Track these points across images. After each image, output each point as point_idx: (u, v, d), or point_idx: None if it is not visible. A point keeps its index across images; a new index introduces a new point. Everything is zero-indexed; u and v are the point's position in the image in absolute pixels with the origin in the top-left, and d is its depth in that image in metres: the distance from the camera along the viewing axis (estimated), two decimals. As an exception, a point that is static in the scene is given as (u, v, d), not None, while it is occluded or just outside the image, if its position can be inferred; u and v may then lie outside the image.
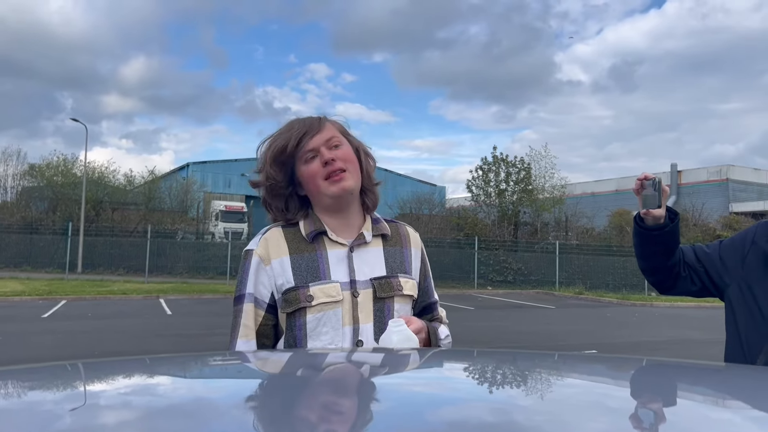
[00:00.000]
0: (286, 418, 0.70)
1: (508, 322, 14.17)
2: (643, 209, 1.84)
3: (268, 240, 1.57)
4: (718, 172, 38.43)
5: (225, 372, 1.08)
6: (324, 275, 1.52)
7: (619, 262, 24.81)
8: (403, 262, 1.63)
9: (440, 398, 0.85)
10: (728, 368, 1.24)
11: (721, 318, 1.85)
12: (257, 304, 1.55)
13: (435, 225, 27.95)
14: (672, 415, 0.81)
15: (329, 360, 1.16)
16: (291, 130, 1.58)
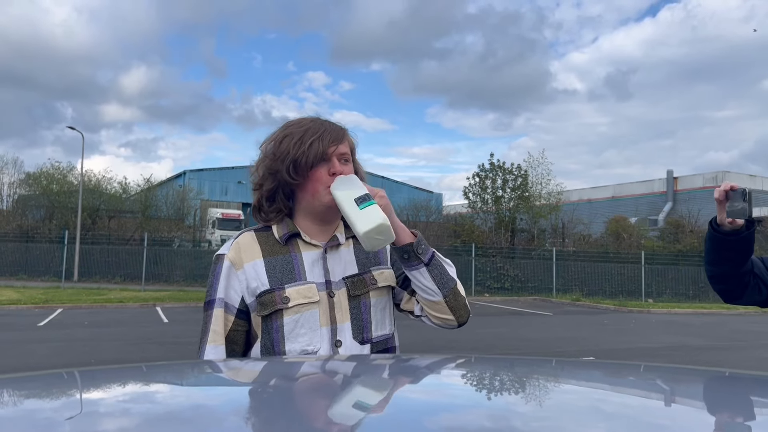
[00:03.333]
0: (285, 425, 0.70)
1: (506, 329, 14.15)
2: (728, 218, 1.82)
3: (240, 244, 1.56)
4: (714, 178, 38.53)
5: (222, 380, 1.08)
6: (299, 276, 1.53)
7: (616, 268, 24.82)
8: (376, 255, 1.64)
9: (439, 405, 0.85)
10: (726, 374, 1.24)
11: (717, 324, 1.85)
12: (227, 310, 1.54)
13: (432, 232, 27.94)
14: (669, 421, 0.81)
15: (327, 367, 1.16)
16: (321, 128, 1.56)
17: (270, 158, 1.56)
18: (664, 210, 38.39)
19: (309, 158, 1.52)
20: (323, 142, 1.53)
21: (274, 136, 1.59)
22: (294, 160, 1.52)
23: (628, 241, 27.71)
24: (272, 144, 1.57)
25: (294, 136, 1.54)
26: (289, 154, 1.52)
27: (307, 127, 1.56)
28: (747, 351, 11.42)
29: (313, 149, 1.52)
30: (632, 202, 41.68)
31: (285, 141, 1.54)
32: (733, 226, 1.82)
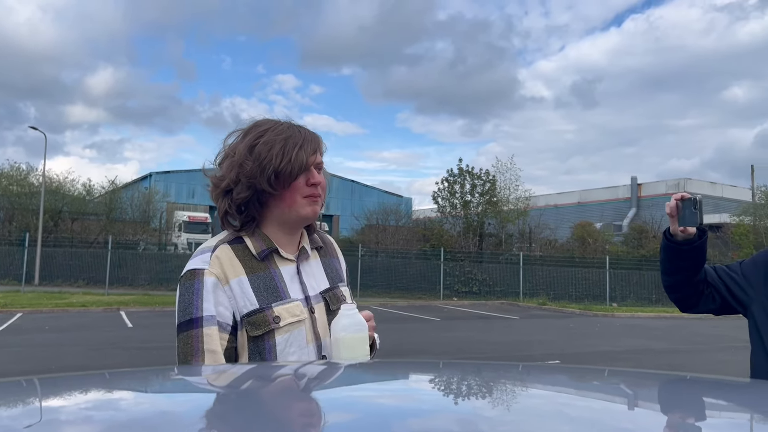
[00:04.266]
0: (246, 428, 0.70)
1: (474, 333, 14.26)
2: (680, 226, 1.86)
3: (221, 259, 1.46)
4: (677, 185, 39.52)
5: (188, 386, 1.06)
6: (284, 294, 1.48)
7: (581, 273, 25.23)
8: (338, 272, 1.65)
9: (406, 410, 0.85)
10: (687, 378, 1.27)
11: (678, 328, 1.91)
12: (222, 328, 1.42)
13: (401, 236, 28.00)
14: (632, 425, 0.83)
15: (293, 373, 1.15)
16: (301, 136, 1.51)
17: (247, 165, 1.46)
18: (629, 216, 39.22)
19: (293, 169, 1.46)
20: (306, 152, 1.48)
21: (247, 139, 1.49)
22: (277, 170, 1.45)
23: (593, 246, 28.21)
24: (244, 147, 1.48)
25: (274, 144, 1.46)
26: (271, 163, 1.44)
27: (287, 135, 1.49)
28: (707, 354, 11.72)
29: (297, 160, 1.46)
30: (597, 208, 42.50)
31: (262, 147, 1.46)
32: (686, 236, 1.86)
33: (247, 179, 1.46)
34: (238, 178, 1.47)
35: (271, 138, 1.47)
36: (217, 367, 1.28)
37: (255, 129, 1.51)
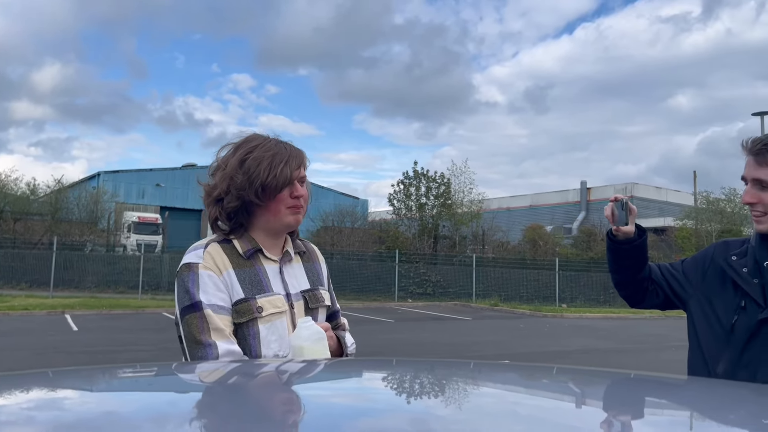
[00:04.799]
0: (197, 431, 0.69)
1: (427, 334, 14.35)
2: (614, 226, 1.95)
3: (212, 254, 1.63)
4: (624, 189, 40.74)
5: (136, 384, 1.04)
6: (267, 288, 1.65)
7: (532, 274, 25.71)
8: (319, 276, 1.82)
9: (358, 409, 0.85)
10: (631, 376, 1.32)
11: (624, 328, 1.99)
12: (221, 311, 1.57)
13: (357, 238, 27.96)
14: (580, 422, 0.85)
15: (244, 371, 1.13)
16: (287, 152, 1.66)
17: (237, 178, 1.61)
18: (578, 219, 40.21)
19: (278, 183, 1.62)
20: (290, 167, 1.64)
21: (238, 153, 1.64)
22: (263, 184, 1.61)
23: (544, 248, 28.80)
24: (235, 161, 1.63)
25: (262, 160, 1.62)
26: (258, 177, 1.60)
27: (274, 152, 1.64)
28: (651, 353, 12.12)
29: (282, 175, 1.62)
30: (548, 211, 43.42)
31: (251, 162, 1.61)
32: (626, 236, 1.95)
33: (236, 191, 1.62)
34: (229, 189, 1.63)
35: (259, 154, 1.63)
36: (167, 366, 1.25)
37: (245, 145, 1.67)
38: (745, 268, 1.75)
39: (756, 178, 1.69)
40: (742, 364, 1.70)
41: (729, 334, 1.74)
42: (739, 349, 1.71)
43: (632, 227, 1.95)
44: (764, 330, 1.68)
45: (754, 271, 1.73)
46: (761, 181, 1.68)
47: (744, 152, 1.74)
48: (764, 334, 1.68)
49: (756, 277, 1.72)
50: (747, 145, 1.72)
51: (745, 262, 1.77)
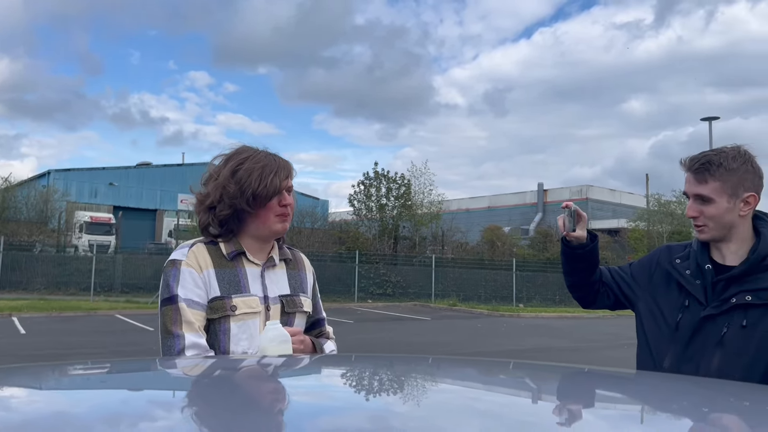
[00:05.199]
0: (150, 429, 0.67)
1: (386, 334, 14.39)
2: (564, 232, 2.08)
3: (196, 253, 1.74)
4: (579, 191, 41.69)
5: (88, 383, 1.01)
6: (245, 289, 1.74)
7: (490, 275, 26.04)
8: (302, 284, 1.90)
9: (317, 407, 0.85)
10: (582, 371, 1.35)
11: (579, 327, 2.06)
12: (195, 305, 1.67)
13: (317, 239, 27.81)
14: (536, 418, 0.87)
15: (200, 369, 1.12)
16: (276, 164, 1.76)
17: (229, 187, 1.71)
18: (535, 220, 40.94)
19: (268, 192, 1.72)
20: (279, 178, 1.75)
21: (230, 164, 1.75)
22: (254, 193, 1.71)
23: (502, 249, 29.21)
24: (227, 171, 1.73)
25: (253, 171, 1.72)
26: (250, 187, 1.71)
27: (264, 163, 1.75)
28: (604, 351, 12.43)
29: (272, 185, 1.73)
30: (506, 213, 44.09)
31: (243, 173, 1.72)
32: (579, 241, 2.07)
33: (229, 199, 1.72)
34: (222, 198, 1.73)
35: (250, 165, 1.74)
36: (121, 363, 1.22)
37: (236, 156, 1.77)
38: (688, 271, 1.89)
39: (697, 194, 1.81)
40: (686, 358, 1.82)
41: (674, 331, 1.86)
42: (684, 345, 1.83)
43: (583, 233, 2.06)
44: (706, 326, 1.80)
45: (696, 273, 1.87)
46: (701, 197, 1.80)
47: (683, 169, 1.85)
48: (706, 330, 1.80)
49: (698, 279, 1.85)
50: (686, 164, 1.84)
51: (688, 265, 1.90)
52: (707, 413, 0.97)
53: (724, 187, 1.77)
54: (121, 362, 1.27)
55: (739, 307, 1.76)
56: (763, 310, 1.73)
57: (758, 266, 1.76)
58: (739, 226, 1.81)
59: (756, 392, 1.16)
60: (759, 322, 1.73)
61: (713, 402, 1.04)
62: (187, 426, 0.73)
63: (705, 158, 1.80)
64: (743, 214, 1.80)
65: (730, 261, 1.83)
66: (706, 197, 1.79)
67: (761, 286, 1.75)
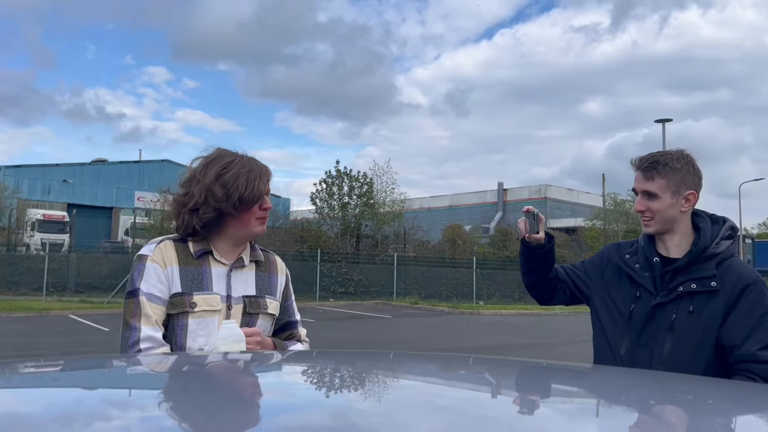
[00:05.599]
0: (104, 428, 0.66)
1: (347, 333, 14.38)
2: (526, 234, 2.19)
3: (162, 249, 1.78)
4: (538, 191, 42.43)
5: (39, 381, 0.98)
6: (207, 287, 1.77)
7: (451, 273, 26.26)
8: (270, 286, 1.92)
9: (279, 404, 0.84)
10: (540, 365, 1.38)
11: (537, 324, 2.12)
12: (155, 300, 1.72)
13: (278, 237, 27.55)
14: (497, 413, 0.89)
15: (157, 366, 1.10)
16: (259, 168, 1.82)
17: (216, 191, 1.74)
18: (495, 219, 41.47)
19: (254, 197, 1.78)
20: (263, 182, 1.81)
21: (215, 168, 1.77)
22: (241, 197, 1.75)
23: (463, 247, 29.49)
24: (213, 175, 1.76)
25: (240, 175, 1.77)
26: (237, 191, 1.75)
27: (249, 168, 1.80)
28: (561, 347, 12.68)
29: (257, 190, 1.78)
30: (467, 211, 44.55)
31: (230, 177, 1.75)
32: (538, 242, 2.20)
33: (215, 202, 1.75)
34: (206, 201, 1.76)
35: (237, 170, 1.78)
36: (76, 360, 1.19)
37: (221, 159, 1.80)
38: (638, 264, 2.05)
39: (645, 190, 1.99)
40: (640, 344, 1.98)
41: (628, 320, 2.01)
42: (638, 332, 1.99)
43: (542, 234, 2.19)
44: (657, 314, 1.96)
45: (645, 266, 2.04)
46: (649, 193, 1.98)
47: (633, 168, 2.04)
48: (657, 317, 1.96)
49: (647, 271, 2.02)
50: (636, 163, 2.04)
51: (637, 259, 2.07)
52: (653, 405, 1.00)
53: (669, 184, 1.96)
54: (74, 360, 1.24)
55: (685, 294, 1.93)
56: (706, 297, 1.91)
57: (700, 257, 1.95)
58: (680, 221, 2.00)
59: (700, 385, 1.20)
60: (703, 307, 1.91)
61: (661, 395, 1.07)
62: (143, 425, 0.72)
63: (652, 158, 2.00)
64: (684, 210, 1.99)
65: (674, 254, 2.01)
66: (653, 193, 1.97)
67: (704, 275, 1.93)
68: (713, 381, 1.38)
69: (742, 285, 1.89)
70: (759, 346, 1.81)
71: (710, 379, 1.49)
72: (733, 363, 1.86)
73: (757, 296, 1.88)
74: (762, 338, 1.83)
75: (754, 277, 1.92)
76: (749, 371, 1.82)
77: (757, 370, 1.80)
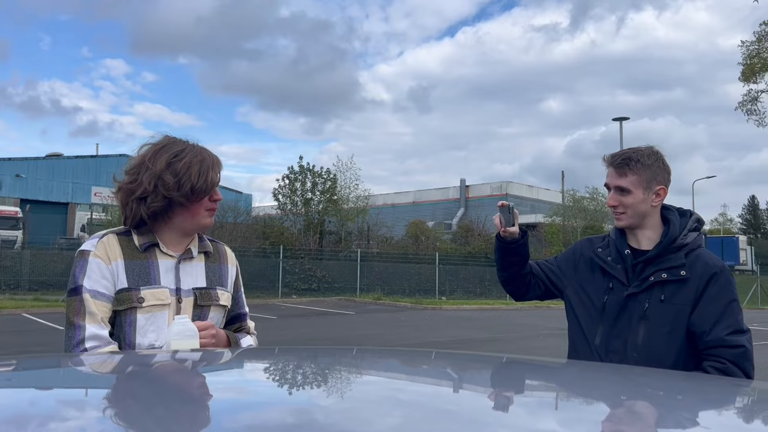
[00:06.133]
0: (56, 427, 0.64)
1: (310, 330, 14.31)
2: (502, 228, 2.22)
3: (106, 244, 1.71)
4: (500, 187, 42.95)
5: None
6: (155, 281, 1.72)
7: (414, 268, 26.41)
8: (221, 277, 1.88)
9: (239, 403, 0.83)
10: (500, 360, 1.40)
11: (498, 318, 2.15)
12: (100, 297, 1.66)
13: (240, 233, 27.21)
14: (456, 406, 0.89)
15: (112, 365, 1.07)
16: (211, 158, 1.77)
17: (167, 179, 1.68)
18: (457, 215, 41.84)
19: (207, 187, 1.73)
20: (215, 172, 1.76)
21: (165, 156, 1.70)
22: (193, 187, 1.70)
23: (426, 243, 29.68)
24: (164, 163, 1.69)
25: (192, 164, 1.71)
26: (190, 180, 1.69)
27: (201, 158, 1.74)
28: (522, 341, 12.89)
29: (210, 180, 1.74)
30: (430, 207, 44.83)
31: (182, 166, 1.69)
32: (512, 236, 2.24)
33: (165, 191, 1.68)
34: (156, 189, 1.69)
35: (189, 159, 1.72)
36: (21, 360, 1.15)
37: (171, 147, 1.74)
38: (610, 257, 2.12)
39: (617, 186, 2.05)
40: (614, 334, 2.05)
41: (602, 311, 2.08)
42: (611, 322, 2.05)
43: (517, 228, 2.24)
44: (630, 304, 2.03)
45: (617, 258, 2.11)
46: (621, 188, 2.04)
47: (605, 165, 2.10)
48: (630, 307, 2.03)
49: (619, 263, 2.10)
50: (608, 159, 2.10)
51: (609, 252, 2.14)
52: (624, 401, 1.02)
53: (640, 180, 2.03)
54: (27, 360, 1.19)
55: (657, 284, 2.01)
56: (677, 285, 1.99)
57: (669, 248, 2.03)
58: (651, 215, 2.07)
59: (668, 379, 1.24)
60: (674, 295, 1.99)
61: (628, 389, 1.10)
62: (99, 426, 0.70)
63: (625, 155, 2.06)
64: (654, 205, 2.06)
65: (644, 246, 2.08)
66: (625, 188, 2.04)
67: (673, 264, 2.01)
68: (681, 375, 1.42)
69: (709, 273, 1.97)
70: (727, 332, 1.91)
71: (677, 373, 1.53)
72: (702, 349, 1.94)
73: (724, 284, 1.97)
74: (730, 323, 1.92)
75: (720, 266, 2.01)
76: (719, 356, 1.90)
77: (726, 354, 1.90)
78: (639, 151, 2.06)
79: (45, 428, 0.68)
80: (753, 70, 28.61)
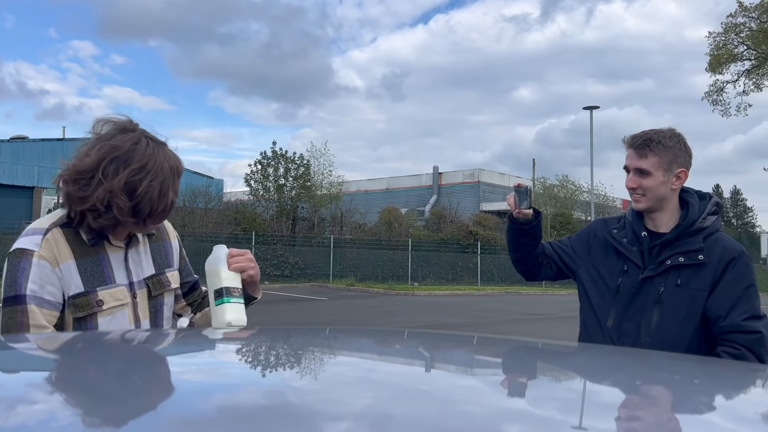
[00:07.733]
0: (33, 413, 0.63)
1: (283, 316, 14.29)
2: (516, 209, 2.18)
3: (52, 243, 1.53)
4: (472, 175, 43.17)
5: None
6: (109, 279, 1.60)
7: (387, 255, 26.50)
8: (167, 257, 1.79)
9: (210, 385, 0.82)
10: (471, 339, 1.41)
11: (469, 304, 2.17)
12: (46, 305, 1.50)
13: (211, 219, 26.91)
14: (429, 386, 0.90)
15: (75, 344, 1.05)
16: (174, 170, 1.59)
17: (122, 202, 1.49)
18: (430, 202, 41.98)
19: (166, 209, 1.57)
20: (175, 189, 1.59)
21: (122, 173, 1.49)
22: (151, 212, 1.54)
23: (399, 229, 29.76)
24: (119, 184, 1.49)
25: (152, 188, 1.51)
26: (148, 205, 1.52)
27: (162, 178, 1.54)
28: (492, 326, 13.06)
29: (169, 202, 1.58)
30: (403, 194, 44.90)
31: (140, 190, 1.50)
32: (526, 218, 2.21)
33: (119, 212, 1.50)
34: (109, 207, 1.49)
35: (149, 182, 1.51)
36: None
37: (130, 160, 1.51)
38: (626, 239, 2.09)
39: (637, 168, 2.00)
40: (627, 317, 2.03)
41: (615, 293, 2.06)
42: (625, 305, 2.04)
43: (530, 210, 2.21)
44: (645, 287, 2.01)
45: (633, 240, 2.08)
46: (641, 170, 1.99)
47: (625, 146, 2.05)
48: (645, 290, 2.01)
49: (635, 245, 2.07)
50: (628, 141, 2.04)
51: (625, 234, 2.11)
52: (638, 385, 1.04)
53: (661, 162, 1.97)
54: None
55: (673, 268, 1.98)
56: (693, 270, 1.96)
57: (688, 231, 1.99)
58: (670, 198, 2.02)
59: (673, 362, 1.26)
60: (690, 280, 1.96)
61: (642, 374, 1.12)
62: (66, 411, 0.69)
63: (646, 136, 2.00)
64: (674, 188, 2.02)
65: (662, 229, 2.05)
66: (645, 170, 1.98)
67: (691, 248, 1.97)
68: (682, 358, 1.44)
69: (728, 258, 1.95)
70: (744, 317, 1.89)
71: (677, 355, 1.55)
72: (717, 334, 1.92)
73: (743, 269, 1.95)
74: (746, 309, 1.90)
75: (739, 250, 1.98)
76: (734, 341, 1.88)
77: (741, 339, 1.88)
78: (660, 132, 2.01)
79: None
80: (719, 61, 29.16)
